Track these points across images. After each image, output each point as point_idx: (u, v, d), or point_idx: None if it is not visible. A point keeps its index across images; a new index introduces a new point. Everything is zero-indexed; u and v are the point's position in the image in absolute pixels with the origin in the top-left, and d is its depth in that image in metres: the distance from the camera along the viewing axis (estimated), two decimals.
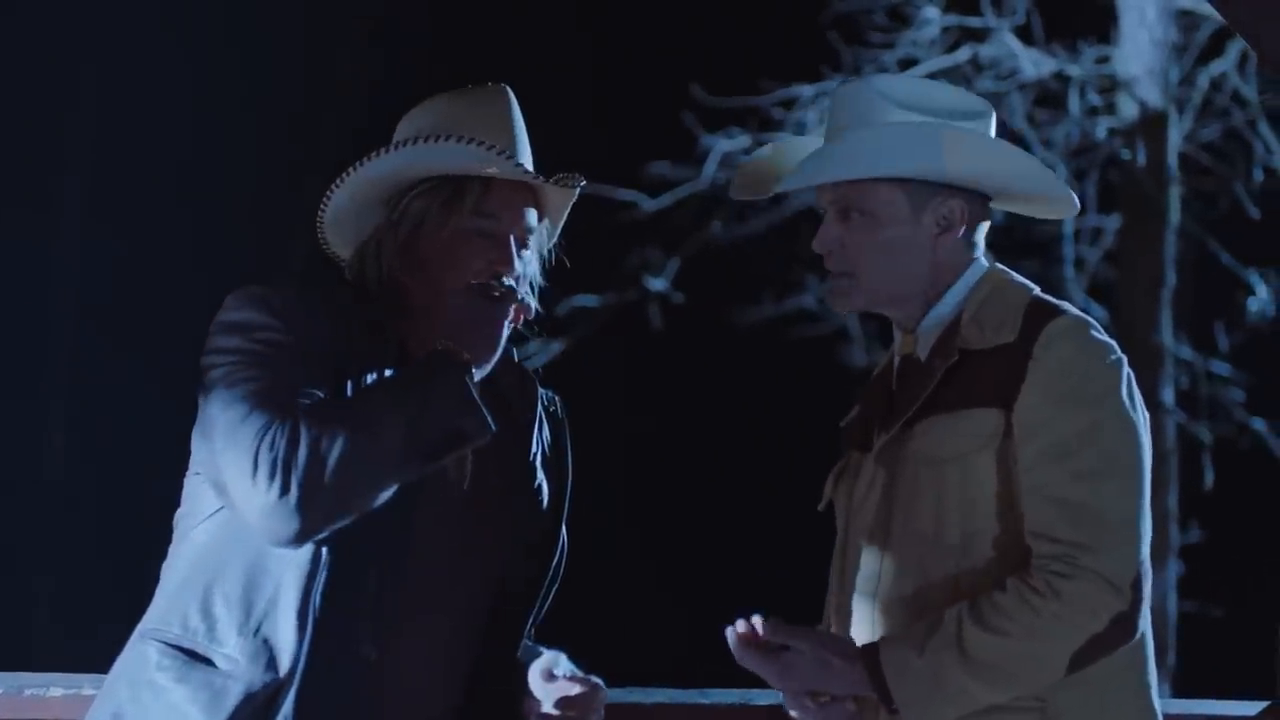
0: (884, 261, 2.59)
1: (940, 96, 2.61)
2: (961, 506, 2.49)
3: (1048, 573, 2.40)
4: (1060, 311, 2.54)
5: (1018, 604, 2.40)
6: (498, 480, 2.57)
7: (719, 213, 11.37)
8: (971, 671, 2.40)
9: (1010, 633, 2.39)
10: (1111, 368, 2.50)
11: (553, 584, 2.65)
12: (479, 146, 2.48)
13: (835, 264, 2.62)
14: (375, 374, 2.44)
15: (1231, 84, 10.64)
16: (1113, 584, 2.40)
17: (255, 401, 2.32)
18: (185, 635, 2.39)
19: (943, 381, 2.54)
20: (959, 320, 2.59)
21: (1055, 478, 2.44)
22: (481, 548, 2.54)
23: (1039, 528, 2.44)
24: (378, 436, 2.31)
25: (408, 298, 2.53)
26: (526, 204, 2.57)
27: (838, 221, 2.60)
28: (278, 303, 2.42)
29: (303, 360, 2.38)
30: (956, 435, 2.51)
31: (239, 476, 2.30)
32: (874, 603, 2.55)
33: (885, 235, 2.58)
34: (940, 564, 2.50)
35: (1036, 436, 2.46)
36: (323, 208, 2.57)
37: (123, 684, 2.43)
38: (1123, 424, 2.48)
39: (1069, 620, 2.39)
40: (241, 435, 2.30)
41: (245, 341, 2.38)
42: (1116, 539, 2.42)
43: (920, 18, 10.84)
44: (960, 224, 2.60)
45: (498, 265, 2.53)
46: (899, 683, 2.42)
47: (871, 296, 2.62)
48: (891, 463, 2.58)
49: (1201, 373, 10.91)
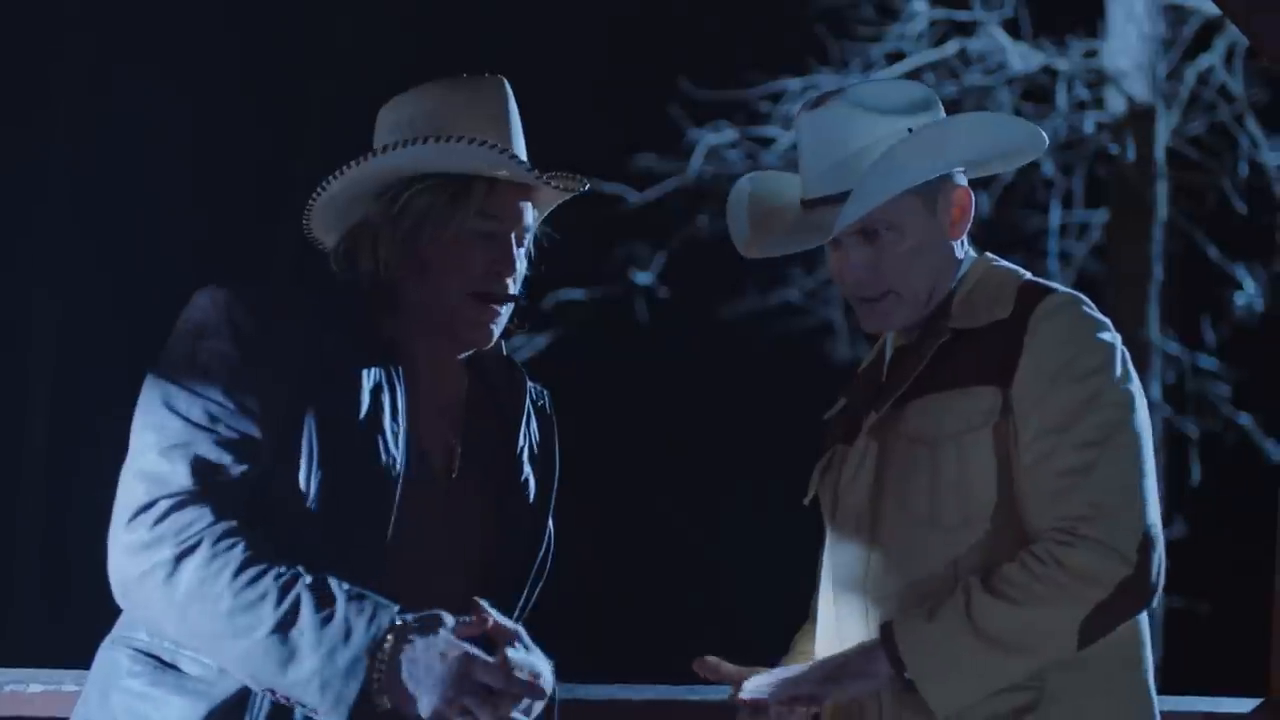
0: (920, 269, 2.57)
1: (899, 96, 2.60)
2: (959, 486, 2.48)
3: (1050, 542, 2.40)
4: (1053, 289, 2.55)
5: (1021, 573, 2.39)
6: (484, 473, 2.55)
7: (705, 206, 11.36)
8: (980, 638, 2.39)
9: (1015, 600, 2.38)
10: (1107, 342, 2.50)
11: (539, 578, 2.63)
12: (491, 149, 2.45)
13: (870, 288, 2.57)
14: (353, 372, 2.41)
15: (1219, 78, 10.66)
16: (1117, 550, 2.39)
17: (183, 454, 2.30)
18: (154, 641, 2.37)
19: (935, 360, 2.54)
20: (949, 303, 2.59)
21: (1056, 450, 2.43)
22: (467, 541, 2.52)
23: (1041, 502, 2.44)
24: (237, 638, 2.24)
25: (401, 294, 2.50)
26: (525, 203, 2.55)
27: (864, 245, 2.56)
28: (244, 309, 2.38)
29: (247, 378, 2.34)
30: (952, 414, 2.49)
31: (121, 506, 2.29)
32: (865, 586, 2.54)
33: (915, 243, 2.56)
34: (936, 545, 2.48)
35: (1036, 411, 2.45)
36: (315, 196, 2.53)
37: (94, 691, 2.41)
38: (1121, 395, 2.47)
39: (1071, 589, 2.38)
40: (149, 474, 2.29)
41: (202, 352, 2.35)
42: (1117, 506, 2.41)
43: (908, 11, 10.84)
44: (969, 209, 2.60)
45: (499, 267, 2.50)
46: (912, 652, 2.41)
47: (915, 308, 2.60)
48: (882, 443, 2.56)
49: (1188, 367, 10.93)
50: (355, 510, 2.36)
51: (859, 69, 10.78)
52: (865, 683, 2.46)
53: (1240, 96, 10.64)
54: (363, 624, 2.22)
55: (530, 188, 2.54)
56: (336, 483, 2.35)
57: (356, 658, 2.20)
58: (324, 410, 2.37)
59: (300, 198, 2.56)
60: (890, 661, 2.43)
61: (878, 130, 2.55)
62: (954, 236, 2.60)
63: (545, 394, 2.71)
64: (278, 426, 2.34)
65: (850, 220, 2.50)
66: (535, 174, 2.48)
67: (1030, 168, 10.89)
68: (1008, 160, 2.74)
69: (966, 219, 2.61)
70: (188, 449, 2.31)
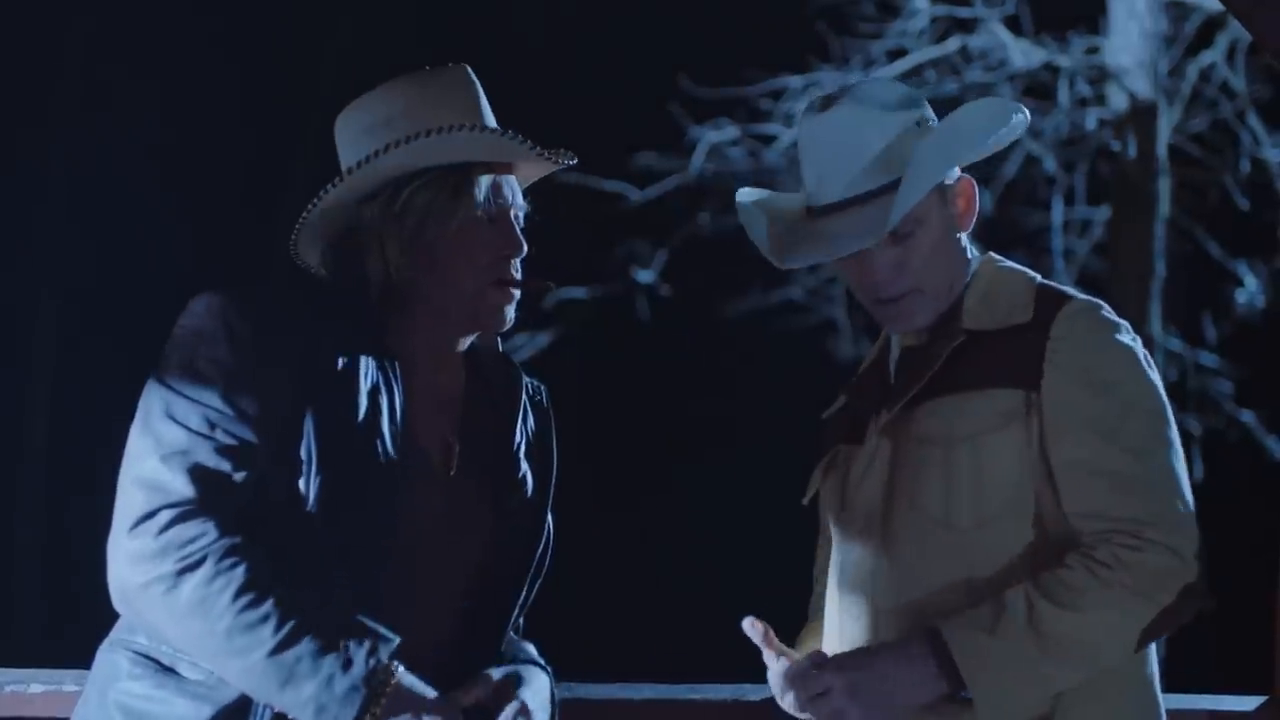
0: (940, 263, 2.57)
1: (896, 93, 2.58)
2: (973, 488, 2.46)
3: (1115, 545, 2.38)
4: (1072, 294, 2.54)
5: (1088, 578, 2.37)
6: (483, 470, 2.54)
7: (707, 204, 11.35)
8: (1048, 650, 2.35)
9: (1084, 608, 2.36)
10: (1130, 345, 2.50)
11: (538, 575, 2.63)
12: (493, 133, 2.46)
13: (893, 287, 2.55)
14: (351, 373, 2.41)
15: (1220, 75, 10.64)
16: (1180, 555, 2.38)
17: (181, 463, 2.30)
18: (152, 645, 2.37)
19: (949, 362, 2.52)
20: (959, 304, 2.57)
21: (1100, 454, 2.41)
22: (465, 537, 2.51)
23: (1090, 506, 2.42)
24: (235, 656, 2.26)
25: (412, 291, 2.49)
26: (516, 181, 2.56)
27: (892, 245, 2.53)
28: (243, 314, 2.38)
29: (245, 384, 2.34)
30: (969, 415, 2.48)
31: (123, 513, 2.29)
32: (874, 587, 2.52)
33: (935, 237, 2.55)
34: (948, 546, 2.46)
35: (1071, 416, 2.43)
36: (312, 207, 2.50)
37: (94, 692, 2.41)
38: (1155, 400, 2.47)
39: (1141, 592, 2.37)
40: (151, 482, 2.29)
41: (193, 358, 2.35)
42: (1175, 510, 2.41)
43: (909, 8, 10.82)
44: (974, 199, 2.60)
45: (508, 250, 2.50)
46: (973, 667, 2.35)
47: (936, 304, 2.58)
48: (894, 444, 2.54)
49: (1190, 364, 10.92)
50: (355, 511, 2.36)
51: (860, 66, 10.77)
52: (912, 693, 2.39)
53: (1242, 93, 10.62)
54: (362, 656, 2.26)
55: (514, 165, 2.54)
56: (336, 485, 2.35)
57: (354, 687, 2.24)
58: (323, 413, 2.37)
59: (297, 197, 2.54)
60: (945, 675, 2.37)
61: (891, 128, 2.53)
62: (963, 228, 2.59)
63: (542, 389, 2.70)
64: (277, 430, 2.34)
65: (904, 210, 2.46)
66: (536, 150, 2.49)
67: (1032, 164, 10.89)
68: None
69: (973, 209, 2.60)
70: (187, 456, 2.31)
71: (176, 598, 2.25)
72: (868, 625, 2.52)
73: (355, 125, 2.52)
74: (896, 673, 2.39)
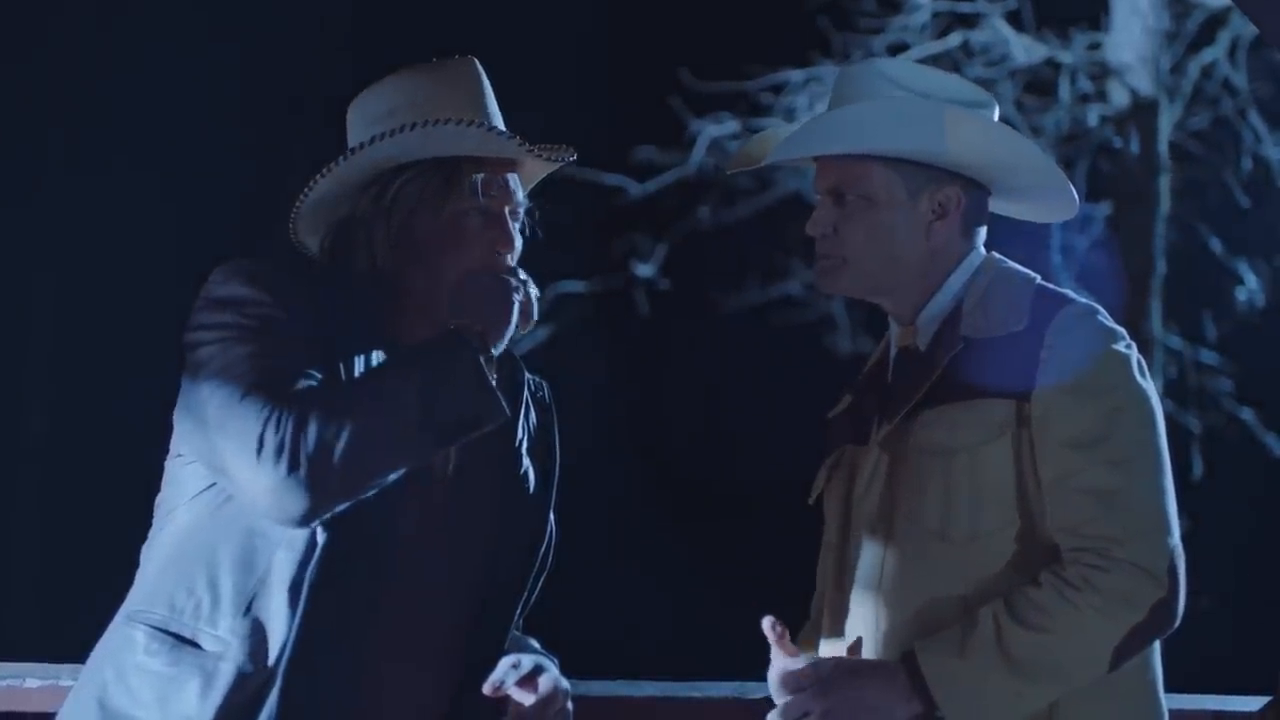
0: (877, 246, 2.54)
1: (945, 84, 2.57)
2: (970, 499, 2.45)
3: (1083, 565, 2.37)
4: (1069, 299, 2.51)
5: (1055, 599, 2.36)
6: (483, 466, 2.53)
7: (706, 198, 11.36)
8: (1015, 671, 2.35)
9: (1051, 629, 2.35)
10: (1125, 353, 2.47)
11: (541, 572, 2.62)
12: (479, 127, 2.44)
13: (827, 247, 2.57)
14: (364, 361, 2.40)
15: (1222, 72, 10.65)
16: (1149, 573, 2.37)
17: (253, 379, 2.28)
18: (172, 618, 2.35)
19: (947, 371, 2.49)
20: (959, 310, 2.54)
21: (1081, 468, 2.40)
22: (468, 534, 2.50)
23: (1067, 521, 2.41)
24: (390, 417, 2.28)
25: (399, 285, 2.48)
26: (514, 177, 2.54)
27: (833, 205, 2.55)
28: (268, 279, 2.38)
29: (297, 338, 2.34)
30: (966, 425, 2.46)
31: (241, 455, 2.26)
32: (876, 597, 2.51)
33: (880, 219, 2.53)
34: (945, 558, 2.45)
35: (1057, 426, 2.42)
36: (303, 197, 2.50)
37: (108, 667, 2.38)
38: (1144, 411, 2.45)
39: (1109, 613, 2.36)
40: (241, 413, 2.26)
41: (236, 317, 2.34)
42: (1148, 527, 2.39)
43: (910, 3, 10.82)
44: (957, 211, 2.55)
45: (499, 245, 2.49)
46: (943, 690, 2.36)
47: (861, 281, 2.57)
48: (894, 455, 2.53)
49: (1190, 362, 10.92)
50: (356, 512, 2.34)
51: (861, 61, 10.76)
52: (889, 716, 2.40)
53: (1243, 91, 10.63)
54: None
55: (517, 163, 2.53)
56: None
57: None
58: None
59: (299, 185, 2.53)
60: (918, 696, 2.38)
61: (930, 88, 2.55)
62: (934, 233, 2.55)
63: (544, 385, 2.69)
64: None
65: (778, 158, 2.54)
66: (525, 146, 2.47)
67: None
68: (1029, 203, 2.67)
69: (952, 224, 2.56)
70: (259, 376, 2.29)
71: (331, 449, 2.24)
72: (867, 633, 2.52)
73: (365, 114, 2.52)
74: (874, 695, 2.40)
